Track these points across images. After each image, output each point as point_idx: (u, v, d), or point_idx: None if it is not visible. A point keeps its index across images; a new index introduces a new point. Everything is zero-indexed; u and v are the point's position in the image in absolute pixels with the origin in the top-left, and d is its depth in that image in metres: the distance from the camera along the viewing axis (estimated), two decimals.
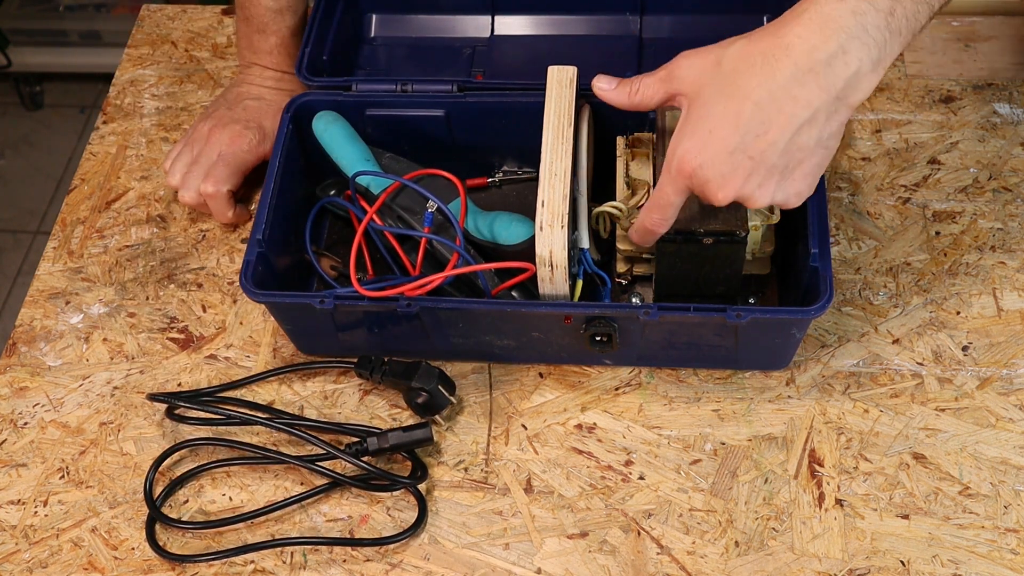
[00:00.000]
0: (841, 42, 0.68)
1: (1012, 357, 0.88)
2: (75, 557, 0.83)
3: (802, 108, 0.69)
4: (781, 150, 0.71)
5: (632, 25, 1.06)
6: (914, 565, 0.79)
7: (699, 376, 0.89)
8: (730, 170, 0.72)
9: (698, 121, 0.73)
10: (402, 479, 0.83)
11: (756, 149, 0.71)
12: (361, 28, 1.10)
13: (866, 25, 0.68)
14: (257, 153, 1.00)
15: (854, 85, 0.69)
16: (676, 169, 0.74)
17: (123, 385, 0.92)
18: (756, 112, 0.70)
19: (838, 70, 0.68)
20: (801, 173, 0.73)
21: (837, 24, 0.68)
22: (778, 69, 0.69)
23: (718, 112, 0.71)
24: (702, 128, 0.72)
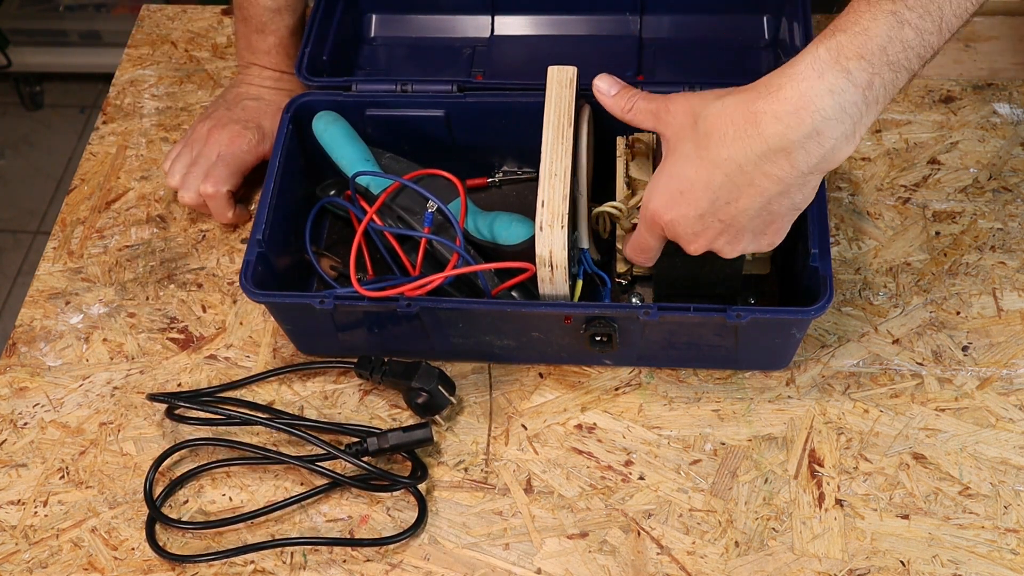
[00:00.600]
0: (816, 124, 0.67)
1: (1012, 357, 0.88)
2: (75, 557, 0.83)
3: (773, 183, 0.70)
4: (752, 216, 0.73)
5: (632, 25, 1.06)
6: (914, 565, 0.79)
7: (699, 376, 0.89)
8: (701, 229, 0.75)
9: (670, 180, 0.74)
10: (402, 479, 0.83)
11: (726, 214, 0.73)
12: (361, 28, 1.10)
13: (843, 104, 0.66)
14: (256, 153, 1.00)
15: (828, 159, 0.69)
16: (650, 220, 0.77)
17: (123, 385, 0.92)
18: (725, 182, 0.71)
19: (811, 149, 0.68)
20: (773, 230, 0.75)
21: (813, 106, 0.66)
22: (749, 146, 0.68)
23: (690, 175, 0.72)
24: (673, 187, 0.74)
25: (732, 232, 0.74)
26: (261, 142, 1.00)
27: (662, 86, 0.92)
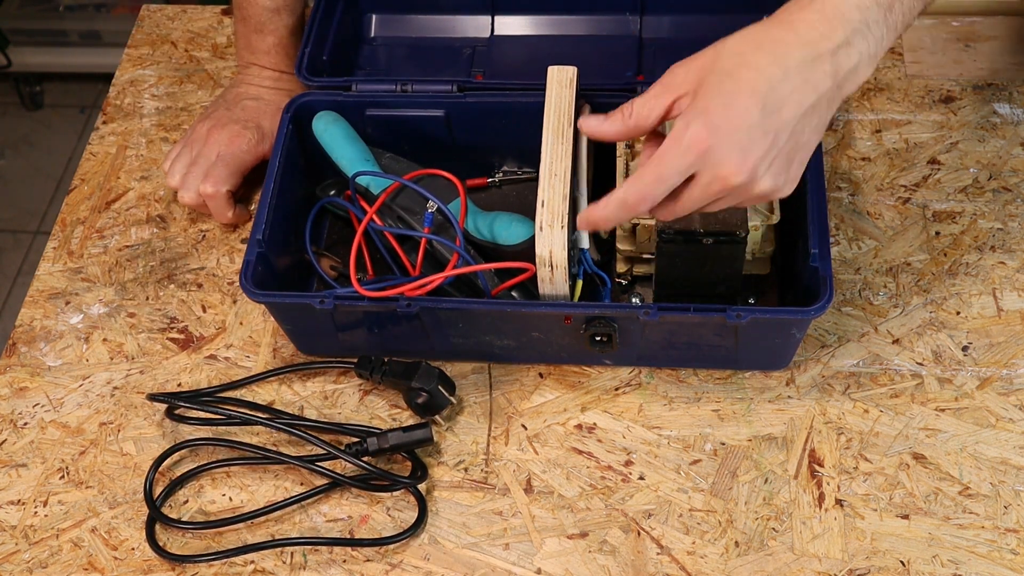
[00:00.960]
0: (847, 34, 0.69)
1: (1012, 357, 0.88)
2: (75, 557, 0.83)
3: (811, 92, 0.70)
4: (791, 131, 0.70)
5: (632, 25, 1.06)
6: (914, 565, 0.79)
7: (699, 376, 0.89)
8: (748, 145, 0.69)
9: (710, 100, 0.70)
10: (402, 479, 0.83)
11: (772, 127, 0.69)
12: (361, 28, 1.10)
13: (868, 20, 0.70)
14: (256, 153, 1.00)
15: (852, 78, 0.71)
16: (688, 145, 0.69)
17: (123, 385, 0.92)
18: (770, 91, 0.69)
19: (842, 61, 0.70)
20: (799, 160, 0.73)
21: (844, 17, 0.69)
22: (789, 53, 0.69)
23: (729, 90, 0.69)
24: (716, 105, 0.69)
25: (774, 153, 0.70)
26: (260, 142, 1.00)
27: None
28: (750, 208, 0.84)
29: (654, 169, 0.71)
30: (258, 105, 1.02)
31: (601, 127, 0.75)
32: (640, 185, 0.72)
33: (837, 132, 1.03)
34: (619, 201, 0.73)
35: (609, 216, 0.74)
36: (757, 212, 0.84)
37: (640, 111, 0.74)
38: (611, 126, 0.75)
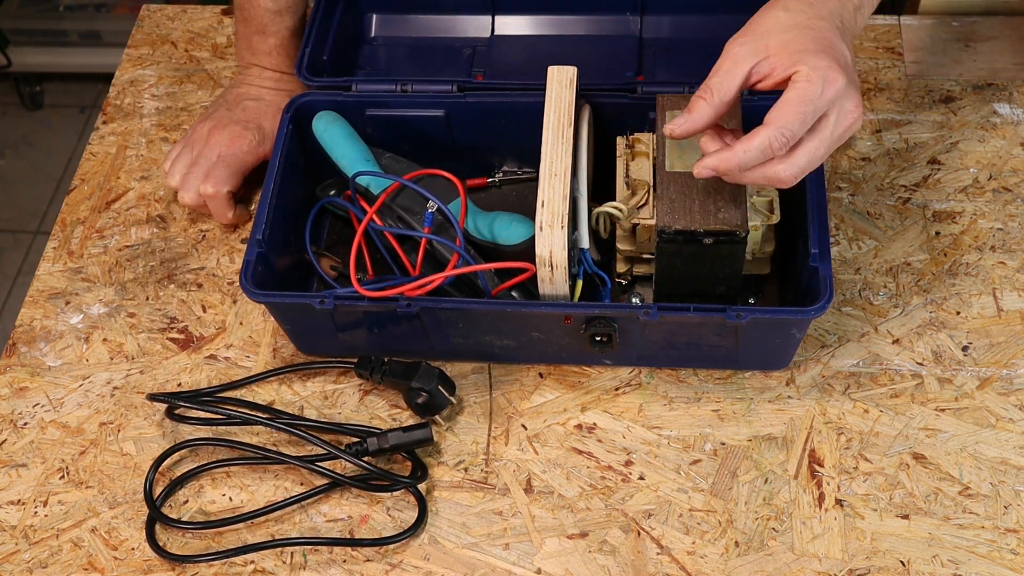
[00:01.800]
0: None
1: (1012, 357, 0.88)
2: (75, 557, 0.83)
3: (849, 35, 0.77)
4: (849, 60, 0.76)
5: (632, 25, 1.06)
6: (914, 565, 0.79)
7: (699, 376, 0.89)
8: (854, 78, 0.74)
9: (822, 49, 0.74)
10: (402, 479, 0.83)
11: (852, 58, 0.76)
12: (361, 28, 1.10)
13: None
14: (257, 154, 1.00)
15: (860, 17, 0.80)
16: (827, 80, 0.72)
17: (123, 385, 0.92)
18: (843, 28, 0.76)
19: (858, 19, 0.79)
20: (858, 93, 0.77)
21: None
22: (827, 5, 0.77)
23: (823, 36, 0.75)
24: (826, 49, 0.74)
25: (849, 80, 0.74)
26: (261, 143, 1.00)
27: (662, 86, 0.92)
28: (750, 208, 0.84)
29: (796, 108, 0.72)
30: (259, 106, 1.02)
31: (691, 121, 0.76)
32: (784, 124, 0.72)
33: None
34: (762, 145, 0.73)
35: (748, 161, 0.74)
36: (757, 212, 0.84)
37: (720, 88, 0.75)
38: (700, 114, 0.76)
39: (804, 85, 0.72)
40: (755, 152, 0.73)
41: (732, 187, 0.83)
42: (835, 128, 0.74)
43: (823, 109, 0.73)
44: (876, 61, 1.09)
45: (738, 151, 0.74)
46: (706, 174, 0.76)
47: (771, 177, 0.75)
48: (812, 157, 0.74)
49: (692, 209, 0.83)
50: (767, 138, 0.73)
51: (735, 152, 0.74)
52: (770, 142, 0.73)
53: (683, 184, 0.84)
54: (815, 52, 0.73)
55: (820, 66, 0.73)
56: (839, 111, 0.74)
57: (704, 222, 0.82)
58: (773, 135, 0.73)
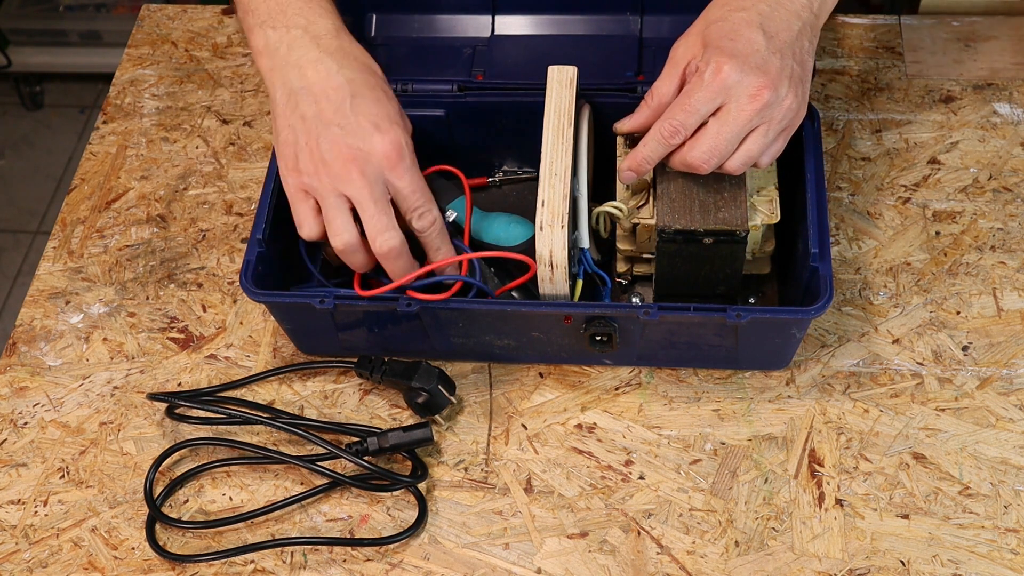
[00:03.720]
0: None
1: (1012, 357, 0.88)
2: (75, 557, 0.83)
3: (795, 19, 0.79)
4: (792, 51, 0.78)
5: (632, 25, 1.06)
6: (914, 565, 0.79)
7: (699, 376, 0.89)
8: (765, 64, 0.76)
9: (716, 44, 0.77)
10: (402, 478, 0.83)
11: (776, 47, 0.77)
12: (361, 28, 1.09)
13: None
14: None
15: (824, 7, 0.81)
16: (711, 75, 0.76)
17: (123, 385, 0.92)
18: (764, 21, 0.78)
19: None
20: (805, 80, 0.80)
21: None
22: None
23: (729, 31, 0.78)
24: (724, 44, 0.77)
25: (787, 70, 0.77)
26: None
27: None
28: (750, 208, 0.84)
29: (683, 101, 0.77)
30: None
31: (634, 120, 0.83)
32: (672, 117, 0.78)
33: (837, 132, 1.03)
34: (655, 137, 0.79)
35: (650, 154, 0.80)
36: (757, 212, 0.85)
37: (659, 91, 0.81)
38: (641, 115, 0.82)
39: (694, 79, 0.77)
40: (652, 145, 0.79)
41: (732, 187, 0.83)
42: (737, 113, 0.76)
43: (715, 98, 0.76)
44: (876, 61, 1.09)
45: (640, 148, 0.80)
46: (627, 178, 0.82)
47: (685, 162, 0.79)
48: (716, 141, 0.77)
49: (692, 209, 0.83)
50: (657, 130, 0.79)
51: (639, 150, 0.80)
52: (659, 132, 0.78)
53: (683, 184, 0.84)
54: (717, 46, 0.77)
55: (712, 59, 0.76)
56: (737, 97, 0.76)
57: (704, 222, 0.82)
58: (660, 125, 0.78)
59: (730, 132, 0.77)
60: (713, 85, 0.76)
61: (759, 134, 0.78)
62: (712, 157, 0.78)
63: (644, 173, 0.81)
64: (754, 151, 0.79)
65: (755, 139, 0.78)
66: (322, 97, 0.80)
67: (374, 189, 0.78)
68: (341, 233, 0.79)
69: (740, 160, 0.79)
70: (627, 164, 0.81)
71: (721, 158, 0.78)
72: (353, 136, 0.78)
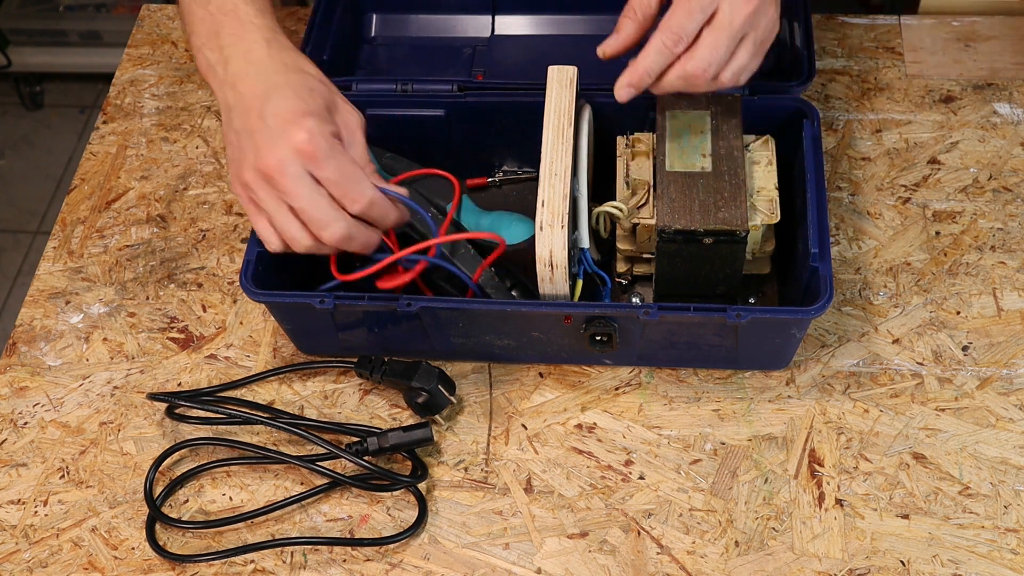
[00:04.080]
0: None
1: (1012, 357, 0.88)
2: (75, 557, 0.83)
3: None
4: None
5: None
6: (914, 565, 0.79)
7: (699, 376, 0.89)
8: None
9: None
10: (402, 478, 0.83)
11: None
12: (361, 28, 1.10)
13: None
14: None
15: None
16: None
17: (123, 385, 0.92)
18: None
19: None
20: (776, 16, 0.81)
21: None
22: None
23: None
24: None
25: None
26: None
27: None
28: (750, 208, 0.84)
29: (681, 6, 0.77)
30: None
31: (620, 39, 0.82)
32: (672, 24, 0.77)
33: (837, 132, 1.03)
34: (657, 47, 0.78)
35: (651, 65, 0.79)
36: (757, 212, 0.85)
37: (641, 3, 0.81)
38: (627, 31, 0.82)
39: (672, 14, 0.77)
40: (653, 55, 0.78)
41: (732, 187, 0.83)
42: (732, 17, 0.77)
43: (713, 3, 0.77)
44: (876, 61, 1.09)
45: (640, 60, 0.79)
46: (625, 94, 0.80)
47: (686, 76, 0.78)
48: (714, 49, 0.77)
49: (692, 209, 0.83)
50: (659, 40, 0.78)
51: (639, 62, 0.79)
52: (663, 42, 0.78)
53: (683, 184, 0.84)
54: None
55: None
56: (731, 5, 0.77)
57: (704, 222, 0.82)
58: (663, 35, 0.78)
59: (727, 37, 0.78)
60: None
61: (749, 42, 0.79)
62: (711, 65, 0.78)
63: (644, 87, 0.80)
64: (743, 61, 0.79)
65: (745, 48, 0.79)
66: (247, 109, 0.78)
67: (300, 188, 0.76)
68: (298, 240, 0.78)
69: (732, 71, 0.79)
70: (626, 79, 0.80)
71: (719, 66, 0.78)
72: (270, 140, 0.76)
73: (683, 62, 0.79)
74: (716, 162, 0.85)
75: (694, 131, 0.87)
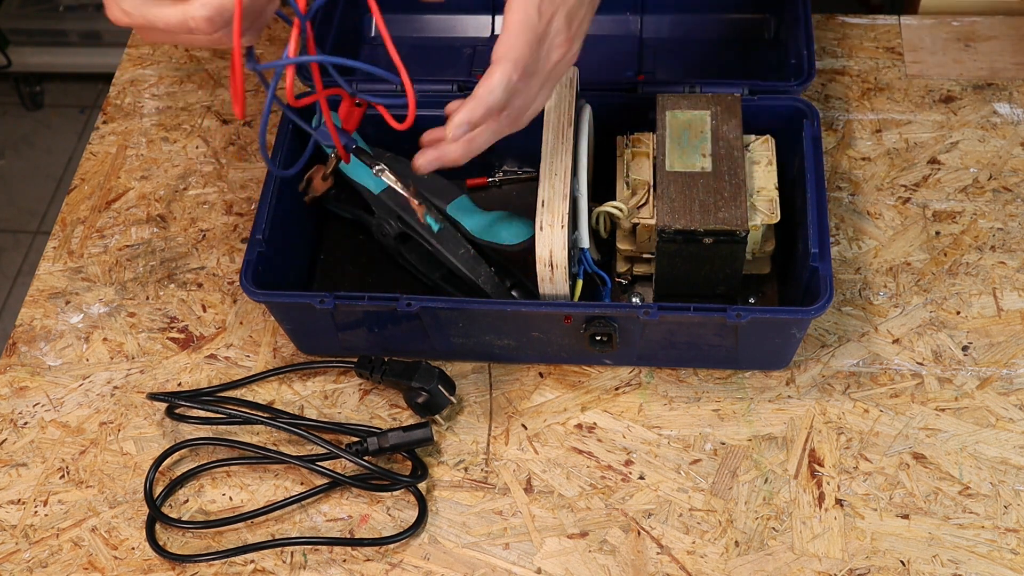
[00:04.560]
0: None
1: (1012, 357, 0.88)
2: (75, 557, 0.83)
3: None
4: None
5: (632, 25, 1.06)
6: (914, 565, 0.79)
7: (699, 376, 0.89)
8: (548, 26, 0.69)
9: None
10: (402, 478, 0.83)
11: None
12: (361, 28, 1.10)
13: None
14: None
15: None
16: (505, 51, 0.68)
17: (123, 385, 0.92)
18: None
19: None
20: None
21: None
22: None
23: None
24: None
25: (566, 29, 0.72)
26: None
27: (662, 86, 0.92)
28: (750, 208, 0.84)
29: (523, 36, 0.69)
30: None
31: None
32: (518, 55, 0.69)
33: (837, 132, 1.03)
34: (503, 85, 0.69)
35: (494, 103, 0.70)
36: (757, 212, 0.85)
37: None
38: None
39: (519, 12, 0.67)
40: (499, 92, 0.68)
41: (732, 187, 0.83)
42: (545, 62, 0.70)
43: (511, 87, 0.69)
44: (876, 61, 1.09)
45: (482, 95, 0.69)
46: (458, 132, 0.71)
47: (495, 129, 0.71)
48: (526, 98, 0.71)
49: (692, 209, 0.83)
50: (505, 73, 0.68)
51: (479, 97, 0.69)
52: (509, 77, 0.68)
53: (683, 184, 0.84)
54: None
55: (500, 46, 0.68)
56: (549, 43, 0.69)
57: (704, 222, 0.82)
58: (510, 70, 0.68)
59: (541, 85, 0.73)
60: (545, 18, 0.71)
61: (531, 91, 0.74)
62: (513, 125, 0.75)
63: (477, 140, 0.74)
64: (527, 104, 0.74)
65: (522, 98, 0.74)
66: None
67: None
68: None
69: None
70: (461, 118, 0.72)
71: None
72: None
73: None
74: (716, 162, 0.85)
75: (694, 131, 0.87)
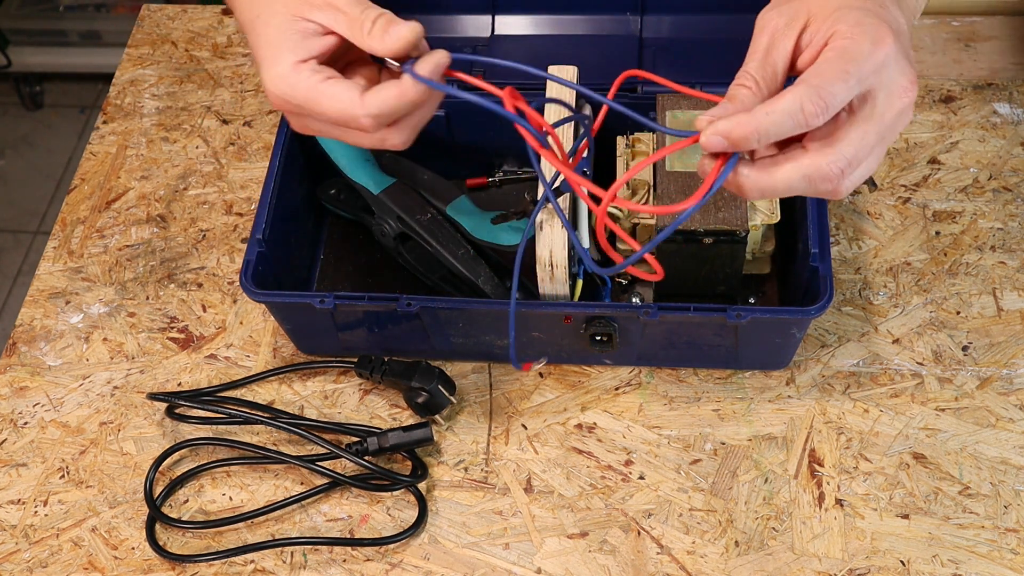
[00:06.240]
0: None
1: (1012, 357, 0.88)
2: (75, 557, 0.83)
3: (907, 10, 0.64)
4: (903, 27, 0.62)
5: (632, 25, 1.06)
6: (914, 565, 0.79)
7: (699, 376, 0.89)
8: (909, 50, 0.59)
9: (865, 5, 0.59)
10: (402, 478, 0.83)
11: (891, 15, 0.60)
12: None
13: None
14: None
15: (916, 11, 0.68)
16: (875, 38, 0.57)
17: (123, 385, 0.92)
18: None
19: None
20: None
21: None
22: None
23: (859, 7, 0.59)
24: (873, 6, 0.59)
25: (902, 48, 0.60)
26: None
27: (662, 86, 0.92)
28: (750, 207, 0.84)
29: (839, 66, 0.57)
30: None
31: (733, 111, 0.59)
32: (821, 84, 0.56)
33: None
34: (790, 111, 0.57)
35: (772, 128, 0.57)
36: (757, 211, 0.85)
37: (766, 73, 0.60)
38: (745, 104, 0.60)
39: (845, 42, 0.57)
40: (780, 116, 0.56)
41: None
42: (885, 108, 0.58)
43: (868, 79, 0.57)
44: None
45: (758, 114, 0.57)
46: (715, 144, 0.59)
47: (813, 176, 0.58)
48: (859, 147, 0.57)
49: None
50: (798, 98, 0.56)
51: (754, 115, 0.57)
52: (802, 104, 0.56)
53: (683, 184, 0.84)
54: (859, 8, 0.58)
55: (865, 22, 0.57)
56: (888, 87, 0.57)
57: (704, 221, 0.82)
58: (806, 95, 0.56)
59: (877, 137, 0.58)
60: (876, 56, 0.56)
61: (885, 145, 0.60)
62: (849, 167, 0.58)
63: (743, 149, 0.59)
64: (873, 167, 0.61)
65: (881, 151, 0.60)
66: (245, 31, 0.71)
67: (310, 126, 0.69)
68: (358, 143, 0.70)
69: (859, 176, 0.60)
70: (726, 129, 0.58)
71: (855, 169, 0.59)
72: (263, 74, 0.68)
73: (816, 156, 0.58)
74: None
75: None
